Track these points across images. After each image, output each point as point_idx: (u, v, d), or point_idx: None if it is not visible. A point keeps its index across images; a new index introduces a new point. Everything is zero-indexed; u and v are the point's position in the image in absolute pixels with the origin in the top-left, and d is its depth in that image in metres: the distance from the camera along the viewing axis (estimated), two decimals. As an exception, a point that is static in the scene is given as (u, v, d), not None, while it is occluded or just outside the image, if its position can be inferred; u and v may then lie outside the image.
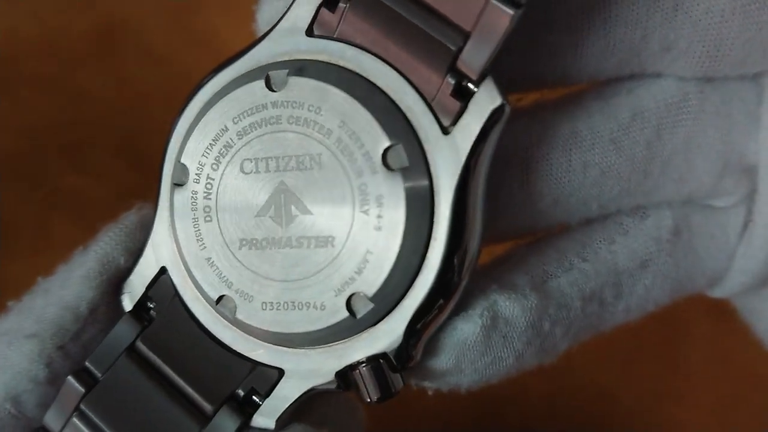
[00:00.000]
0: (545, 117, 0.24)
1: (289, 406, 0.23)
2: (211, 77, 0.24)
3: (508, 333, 0.23)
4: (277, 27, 0.23)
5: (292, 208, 0.22)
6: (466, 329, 0.23)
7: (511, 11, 0.20)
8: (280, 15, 0.23)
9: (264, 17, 0.24)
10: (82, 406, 0.24)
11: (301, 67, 0.22)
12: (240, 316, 0.23)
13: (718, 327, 0.43)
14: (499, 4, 0.21)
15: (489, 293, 0.23)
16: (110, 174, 0.44)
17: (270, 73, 0.23)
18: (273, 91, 0.22)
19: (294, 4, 0.23)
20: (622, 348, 0.28)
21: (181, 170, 0.24)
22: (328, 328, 0.22)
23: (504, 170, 0.23)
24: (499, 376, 0.24)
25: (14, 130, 0.44)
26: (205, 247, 0.23)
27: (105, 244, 0.24)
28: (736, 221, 0.26)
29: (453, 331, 0.23)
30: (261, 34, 0.24)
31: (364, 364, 0.22)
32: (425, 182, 0.22)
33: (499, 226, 0.24)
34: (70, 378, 0.24)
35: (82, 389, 0.24)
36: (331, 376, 0.23)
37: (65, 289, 0.24)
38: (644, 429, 0.43)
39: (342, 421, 0.25)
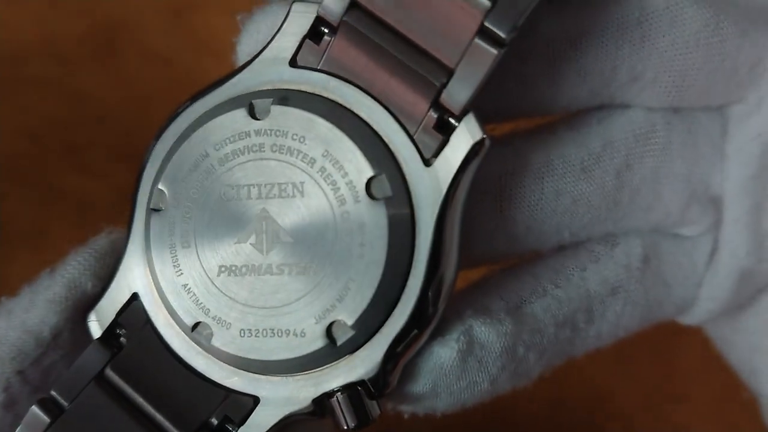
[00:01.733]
0: (519, 146, 0.25)
1: None
2: (190, 104, 0.24)
3: (483, 357, 0.23)
4: (260, 57, 0.23)
5: (274, 235, 0.22)
6: (443, 354, 0.23)
7: (494, 51, 0.21)
8: (262, 46, 0.23)
9: (244, 49, 0.24)
10: None
11: (285, 96, 0.23)
12: (216, 343, 0.23)
13: (718, 327, 0.43)
14: (483, 44, 0.21)
15: (465, 318, 0.23)
16: (110, 174, 0.44)
17: (254, 101, 0.23)
18: (256, 119, 0.23)
19: (278, 35, 0.23)
20: (622, 348, 0.28)
21: (159, 195, 0.23)
22: (308, 355, 0.22)
23: (480, 198, 0.24)
24: (473, 400, 0.24)
25: (14, 131, 0.44)
26: (182, 274, 0.23)
27: (73, 269, 0.24)
28: (703, 250, 0.26)
29: (429, 356, 0.23)
30: (241, 64, 0.24)
31: (341, 392, 0.22)
32: (407, 212, 0.22)
33: (475, 252, 0.25)
34: (34, 408, 0.23)
35: (47, 419, 0.23)
36: (307, 403, 0.23)
37: (29, 312, 0.24)
38: (644, 429, 0.43)
39: None
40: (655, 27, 0.24)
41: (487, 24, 0.21)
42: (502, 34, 0.21)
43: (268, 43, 0.23)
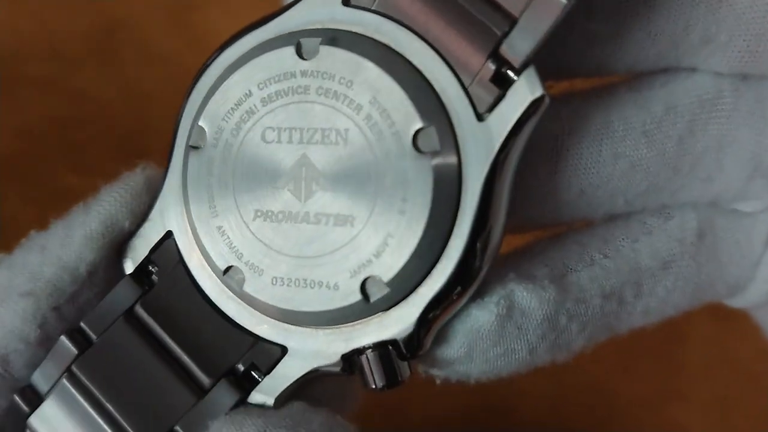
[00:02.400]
0: (578, 106, 0.24)
1: (289, 386, 0.23)
2: (237, 39, 0.23)
3: (523, 324, 0.22)
4: None
5: (313, 182, 0.22)
6: (481, 317, 0.22)
7: (564, 0, 0.20)
8: None
9: None
10: (74, 368, 0.23)
11: (334, 37, 0.22)
12: (248, 289, 0.22)
13: (718, 327, 0.43)
14: None
15: (506, 282, 0.23)
16: (110, 174, 0.44)
17: (301, 40, 0.22)
18: (303, 59, 0.22)
19: None
20: (622, 347, 0.28)
21: (199, 133, 0.23)
22: (340, 309, 0.22)
23: (533, 158, 0.23)
24: (510, 369, 0.23)
25: (14, 130, 0.44)
26: (217, 215, 0.23)
27: (109, 205, 0.24)
28: (762, 228, 0.25)
29: (467, 318, 0.22)
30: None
31: (371, 350, 0.22)
32: (455, 169, 0.21)
33: (523, 215, 0.24)
34: (63, 338, 0.23)
35: (75, 350, 0.23)
36: (336, 358, 0.22)
37: (65, 248, 0.23)
38: (644, 429, 0.43)
39: (336, 400, 0.25)
40: None
41: None
42: None
43: None
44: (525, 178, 0.23)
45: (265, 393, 0.23)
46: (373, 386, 0.22)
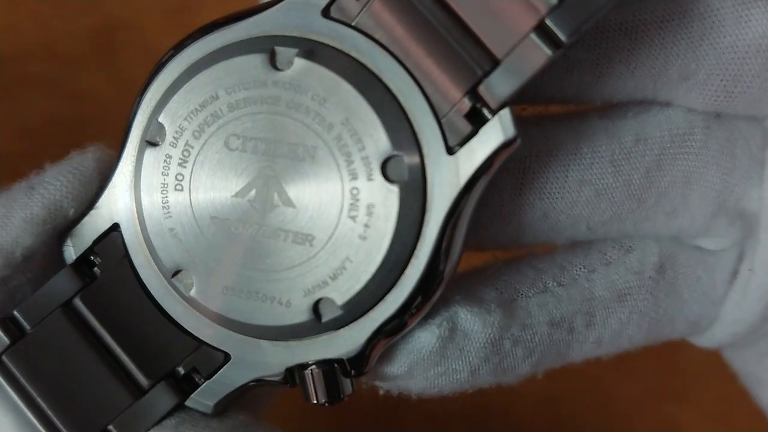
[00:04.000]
0: (548, 129, 0.24)
1: (230, 393, 0.22)
2: (206, 34, 0.22)
3: (465, 346, 0.23)
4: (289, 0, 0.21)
5: (275, 196, 0.21)
6: (423, 338, 0.22)
7: (549, 51, 0.20)
8: None
9: None
10: (4, 358, 0.22)
11: (311, 50, 0.21)
12: (195, 295, 0.22)
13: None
14: (538, 41, 0.20)
15: (451, 304, 0.23)
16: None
17: (276, 48, 0.21)
18: (277, 68, 0.21)
19: None
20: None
21: (158, 129, 0.22)
22: (290, 326, 0.22)
23: (499, 177, 0.23)
24: (451, 388, 0.23)
25: (14, 130, 0.44)
26: (170, 217, 0.22)
27: (55, 189, 0.23)
28: (724, 266, 0.25)
29: (410, 339, 0.22)
30: None
31: (316, 366, 0.22)
32: (420, 200, 0.21)
33: (484, 235, 0.24)
34: None
35: (6, 339, 0.22)
36: (280, 370, 0.22)
37: (2, 229, 0.22)
38: (644, 429, 0.43)
39: (262, 397, 0.25)
40: (718, 25, 0.23)
41: (548, 21, 0.20)
42: (561, 37, 0.20)
43: None
44: (489, 197, 0.23)
45: (204, 398, 0.22)
46: (314, 401, 0.22)
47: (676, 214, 0.25)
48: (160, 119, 0.22)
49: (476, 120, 0.21)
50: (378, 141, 0.21)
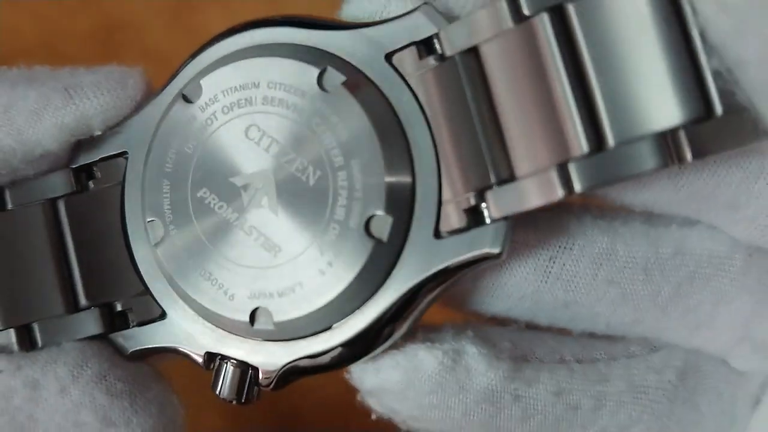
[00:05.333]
0: (587, 223, 0.23)
1: (150, 348, 0.23)
2: (280, 25, 0.23)
3: (465, 384, 0.22)
4: (364, 30, 0.22)
5: (264, 198, 0.22)
6: (425, 360, 0.22)
7: (560, 193, 0.20)
8: (365, 16, 0.22)
9: (351, 8, 0.23)
10: None
11: (358, 84, 0.22)
12: (159, 248, 0.23)
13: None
14: (555, 179, 0.20)
15: (462, 337, 0.22)
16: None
17: (329, 67, 0.22)
18: (321, 86, 0.22)
19: (394, 22, 0.22)
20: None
21: (195, 89, 0.23)
22: (225, 318, 0.22)
23: (526, 256, 0.23)
24: (441, 426, 0.23)
25: (14, 130, 0.44)
26: (170, 170, 0.23)
27: (90, 105, 0.23)
28: (748, 389, 0.24)
29: (412, 356, 0.22)
30: (341, 18, 0.23)
31: (235, 362, 0.22)
32: (388, 264, 0.21)
33: (496, 306, 0.23)
34: None
35: None
36: (201, 351, 0.23)
37: (29, 126, 0.23)
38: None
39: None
40: None
41: (569, 166, 0.20)
42: (576, 187, 0.20)
43: (381, 22, 0.22)
44: (511, 273, 0.23)
45: (127, 341, 0.23)
46: (218, 394, 0.22)
47: (699, 331, 0.24)
48: (202, 82, 0.23)
49: (474, 218, 0.21)
50: (376, 197, 0.21)
